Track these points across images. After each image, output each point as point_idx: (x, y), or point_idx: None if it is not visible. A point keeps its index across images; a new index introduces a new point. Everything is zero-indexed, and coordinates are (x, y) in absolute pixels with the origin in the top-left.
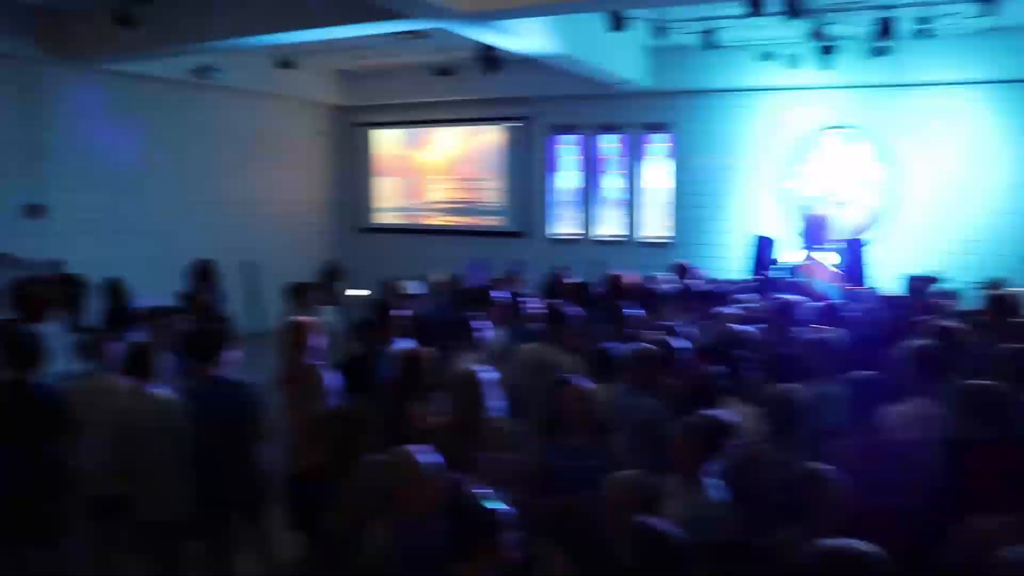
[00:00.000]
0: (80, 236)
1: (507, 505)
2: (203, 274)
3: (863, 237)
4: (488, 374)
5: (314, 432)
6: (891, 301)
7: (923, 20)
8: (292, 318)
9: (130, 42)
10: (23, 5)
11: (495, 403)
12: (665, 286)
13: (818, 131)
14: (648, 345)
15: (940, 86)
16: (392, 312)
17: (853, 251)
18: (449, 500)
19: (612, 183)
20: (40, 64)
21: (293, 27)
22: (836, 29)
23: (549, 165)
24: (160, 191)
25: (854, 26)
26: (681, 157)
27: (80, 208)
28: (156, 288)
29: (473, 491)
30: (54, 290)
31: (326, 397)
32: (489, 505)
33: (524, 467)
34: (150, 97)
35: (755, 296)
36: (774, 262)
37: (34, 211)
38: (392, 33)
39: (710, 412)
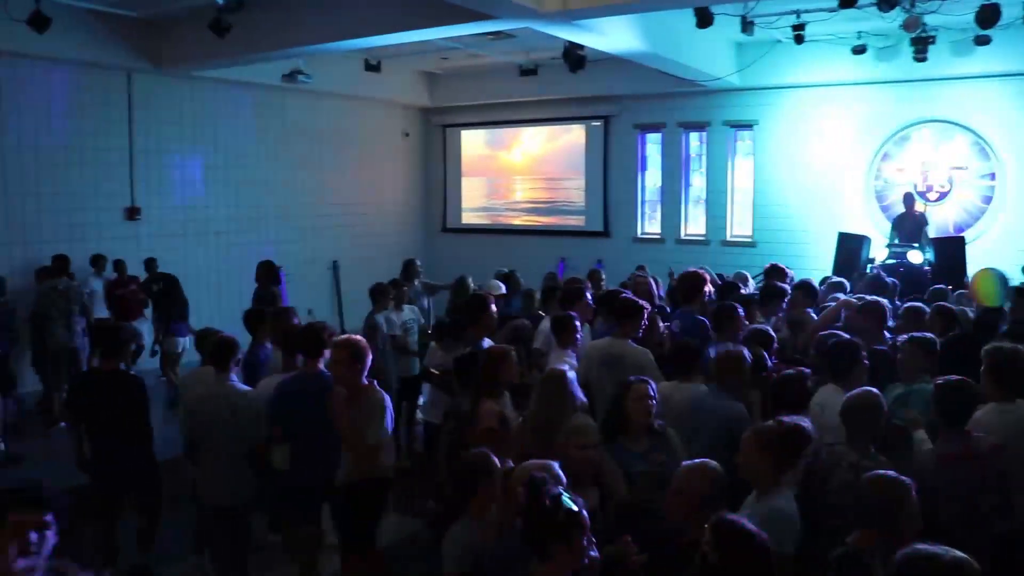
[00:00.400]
0: (171, 238)
1: (584, 504)
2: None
3: (963, 234)
4: (572, 373)
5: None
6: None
7: None
8: (343, 336)
9: (223, 49)
10: (122, 17)
11: (580, 402)
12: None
13: (911, 125)
14: (735, 347)
15: None
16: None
17: (952, 249)
18: (530, 499)
19: (696, 182)
20: (137, 72)
21: (381, 31)
22: (933, 19)
23: (632, 164)
24: (250, 193)
25: (949, 15)
26: (766, 155)
27: (171, 210)
28: (247, 287)
29: (554, 490)
30: (144, 291)
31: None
32: (570, 503)
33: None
34: (241, 102)
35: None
36: (871, 261)
37: (130, 213)
38: (478, 34)
39: (787, 419)
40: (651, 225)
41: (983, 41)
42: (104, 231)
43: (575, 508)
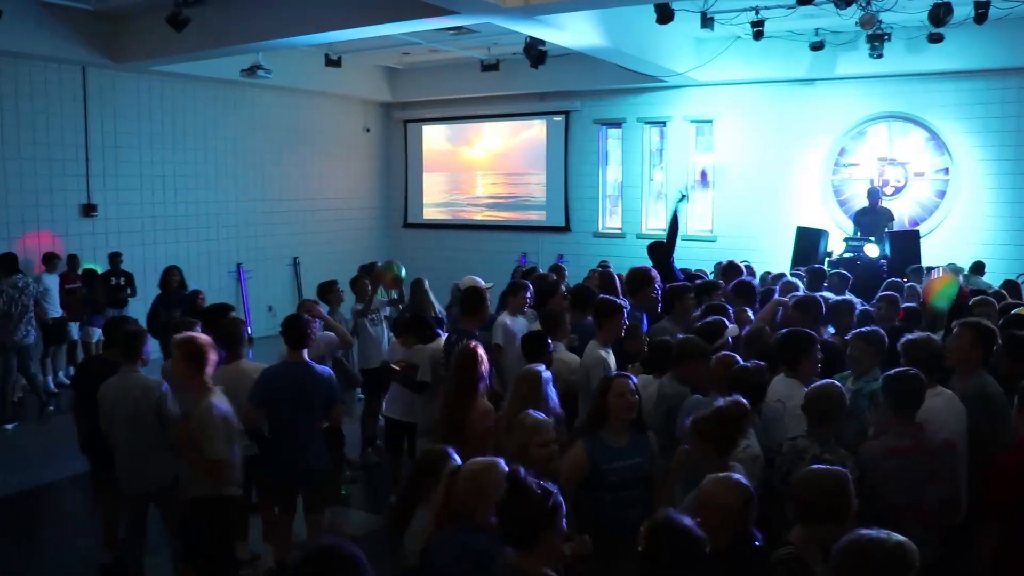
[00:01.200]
0: (129, 235)
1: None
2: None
3: (918, 228)
4: (547, 371)
5: None
6: None
7: (980, 5)
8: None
9: (181, 44)
10: (76, 10)
11: (552, 402)
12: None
13: (868, 120)
14: (691, 336)
15: (995, 72)
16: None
17: (907, 243)
18: (515, 490)
19: (657, 177)
20: (93, 66)
21: (341, 25)
22: (889, 16)
23: (593, 159)
24: (210, 189)
25: (904, 13)
26: (726, 150)
27: (129, 206)
28: (206, 284)
29: (533, 481)
30: (102, 289)
31: None
32: (549, 494)
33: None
34: (200, 97)
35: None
36: (829, 255)
37: (87, 210)
38: (439, 29)
39: (732, 401)
40: (612, 220)
41: (936, 39)
42: (59, 228)
43: (555, 496)
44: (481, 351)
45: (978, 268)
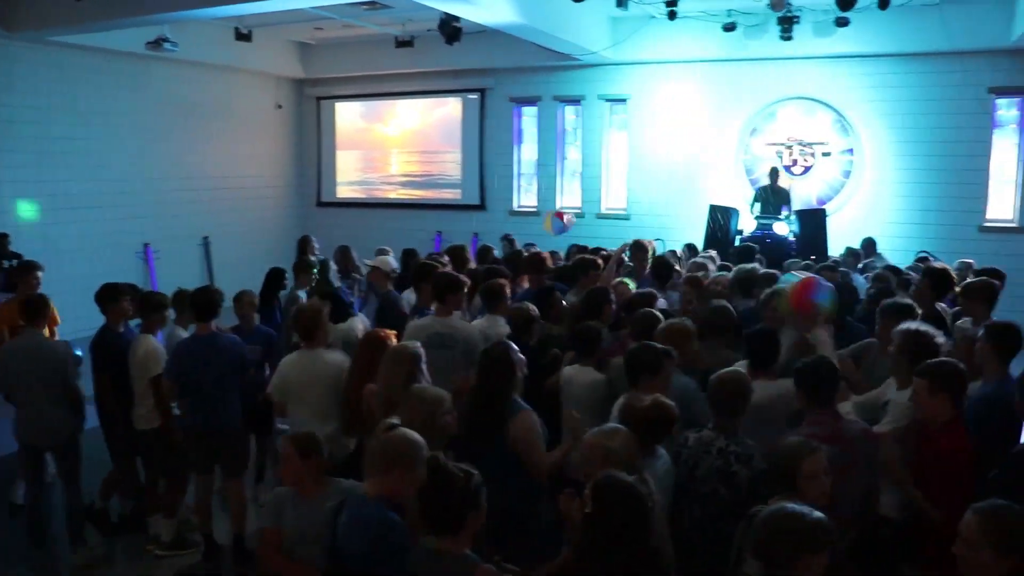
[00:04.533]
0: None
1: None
2: None
3: (824, 208)
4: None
5: None
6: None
7: None
8: None
9: (80, 13)
10: None
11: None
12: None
13: (779, 101)
14: (588, 324)
15: (898, 57)
16: None
17: (814, 221)
18: (434, 477)
19: (571, 155)
20: None
21: None
22: (797, 0)
23: (508, 137)
24: (114, 166)
25: None
26: (640, 128)
27: (25, 184)
28: (112, 265)
29: (453, 465)
30: None
31: None
32: (470, 475)
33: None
34: (102, 70)
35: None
36: (740, 233)
37: None
38: (352, 3)
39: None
40: (527, 198)
41: (843, 23)
42: None
43: (476, 477)
44: (390, 337)
45: (870, 247)
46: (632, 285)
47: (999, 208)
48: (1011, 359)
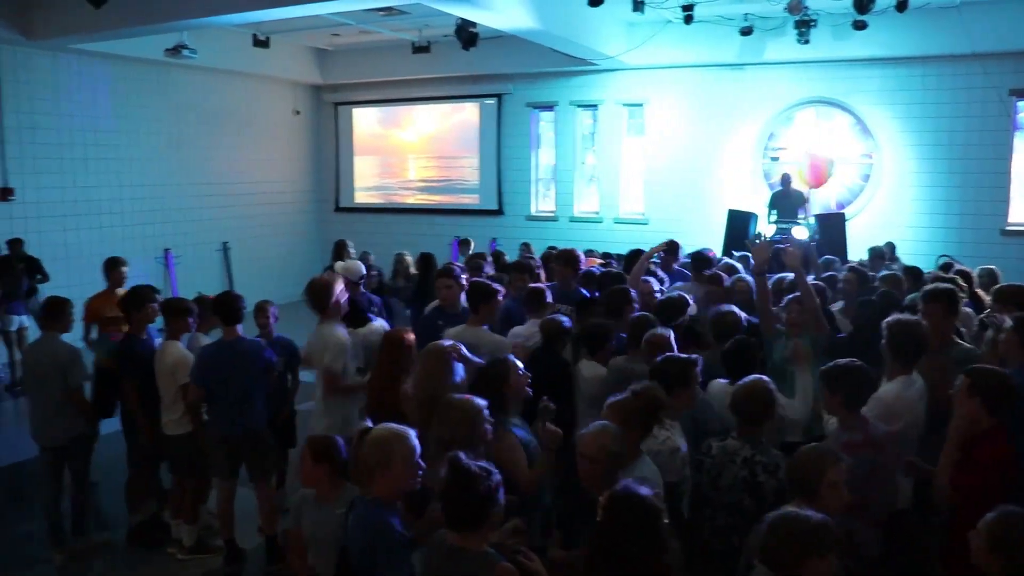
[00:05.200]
0: (48, 219)
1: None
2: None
3: (844, 211)
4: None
5: None
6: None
7: None
8: None
9: (100, 21)
10: None
11: (460, 375)
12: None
13: (796, 105)
14: (598, 321)
15: (917, 60)
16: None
17: (833, 225)
18: (454, 477)
19: (589, 160)
20: (6, 44)
21: (269, 4)
22: (815, 3)
23: (525, 142)
24: (134, 172)
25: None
26: (658, 133)
27: (49, 190)
28: (132, 270)
29: (472, 463)
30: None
31: None
32: (489, 472)
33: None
34: (122, 77)
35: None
36: (758, 236)
37: (3, 194)
38: (369, 9)
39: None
40: (545, 203)
41: (860, 26)
42: None
43: (494, 477)
44: (410, 336)
45: (879, 255)
46: None
47: (1021, 211)
48: None
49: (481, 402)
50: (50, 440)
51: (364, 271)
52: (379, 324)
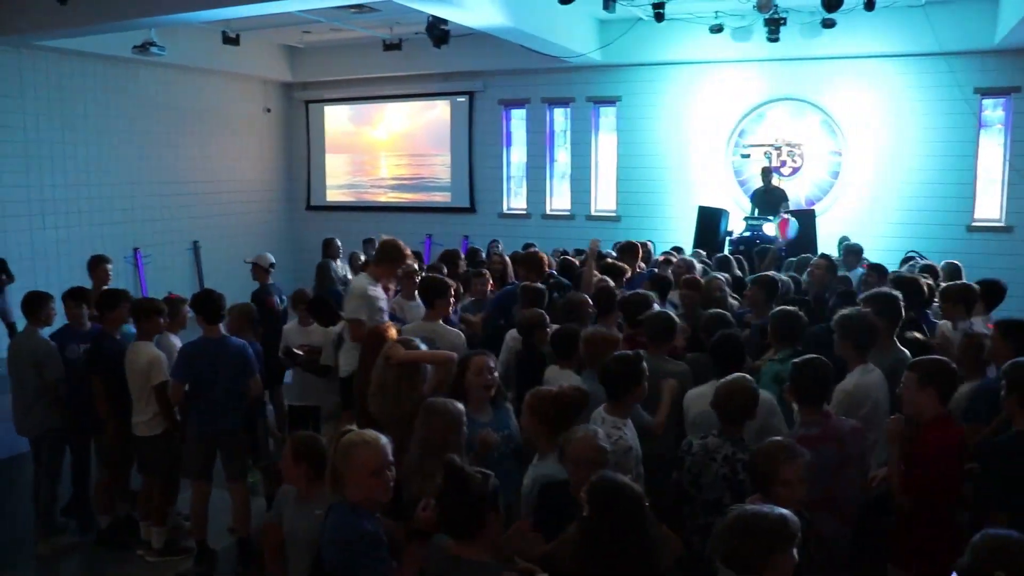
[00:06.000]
0: (14, 219)
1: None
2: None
3: (813, 208)
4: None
5: None
6: None
7: None
8: None
9: (66, 18)
10: None
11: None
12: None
13: (766, 103)
14: (568, 326)
15: (885, 58)
16: None
17: (803, 222)
18: (451, 482)
19: (561, 157)
20: None
21: (238, 1)
22: (784, 1)
23: (497, 140)
24: (103, 171)
25: None
26: (628, 130)
27: (15, 188)
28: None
29: (470, 468)
30: None
31: None
32: (487, 476)
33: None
34: (90, 75)
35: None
36: (729, 234)
37: None
38: (340, 6)
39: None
40: (517, 201)
41: (829, 24)
42: None
43: (492, 482)
44: (391, 332)
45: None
46: None
47: (987, 208)
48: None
49: (460, 407)
50: (27, 431)
51: (272, 260)
52: None
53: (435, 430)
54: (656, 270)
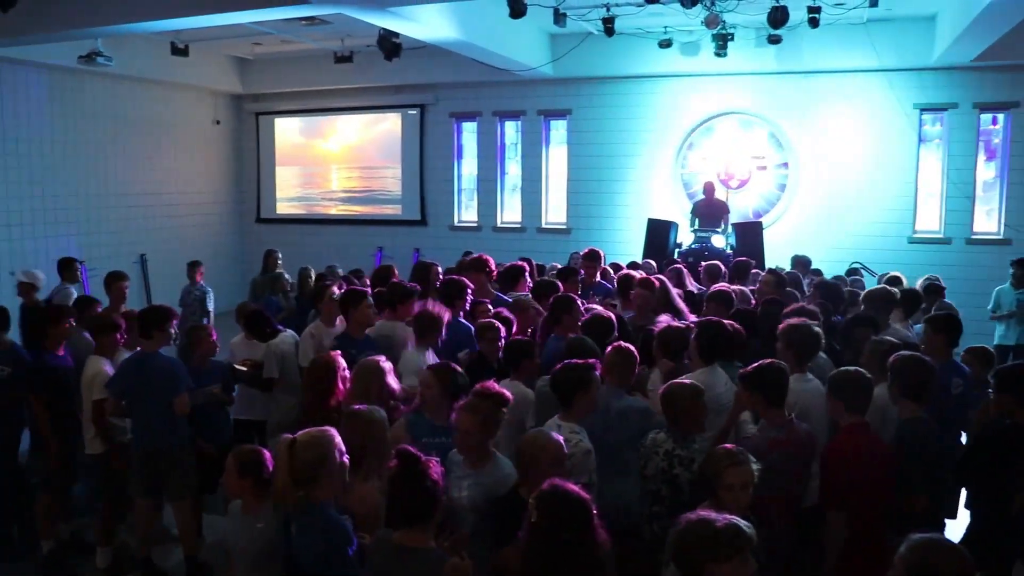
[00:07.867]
0: None
1: None
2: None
3: (761, 220)
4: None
5: None
6: None
7: (812, 10)
8: None
9: (8, 26)
10: None
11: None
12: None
13: (715, 116)
14: (521, 340)
15: (829, 74)
16: None
17: (751, 234)
18: (406, 472)
19: (512, 170)
20: None
21: (186, 12)
22: (731, 17)
23: (448, 152)
24: (47, 182)
25: (748, 14)
26: (578, 144)
27: None
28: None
29: (423, 457)
30: None
31: None
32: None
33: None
34: (34, 84)
35: None
36: (679, 246)
37: None
38: (290, 19)
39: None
40: (468, 213)
41: (775, 40)
42: None
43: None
44: (340, 360)
45: (802, 263)
46: None
47: (927, 220)
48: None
49: (382, 412)
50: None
51: (43, 278)
52: (289, 334)
53: (361, 436)
54: (612, 286)
